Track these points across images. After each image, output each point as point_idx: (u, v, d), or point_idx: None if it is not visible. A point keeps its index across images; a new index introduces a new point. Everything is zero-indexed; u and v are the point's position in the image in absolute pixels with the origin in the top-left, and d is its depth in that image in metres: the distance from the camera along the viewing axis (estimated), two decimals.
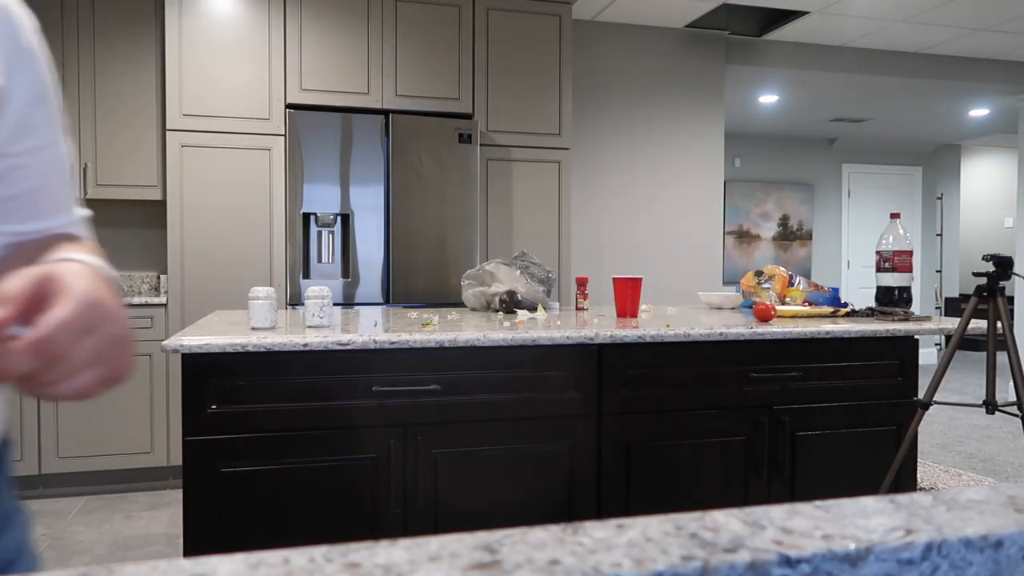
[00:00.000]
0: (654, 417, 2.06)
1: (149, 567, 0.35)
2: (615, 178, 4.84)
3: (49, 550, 2.95)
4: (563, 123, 4.15)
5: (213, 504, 1.77)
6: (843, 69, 5.34)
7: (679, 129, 4.94)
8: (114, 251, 4.17)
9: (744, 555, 0.36)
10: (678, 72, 4.93)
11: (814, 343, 2.18)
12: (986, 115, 7.00)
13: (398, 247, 3.77)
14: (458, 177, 3.85)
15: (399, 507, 1.88)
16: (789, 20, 4.76)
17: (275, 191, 3.77)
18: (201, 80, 3.68)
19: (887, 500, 0.44)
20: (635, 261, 4.88)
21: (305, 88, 3.78)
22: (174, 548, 2.98)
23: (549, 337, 1.91)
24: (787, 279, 2.60)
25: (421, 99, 3.92)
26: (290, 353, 1.80)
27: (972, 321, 2.37)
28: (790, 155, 8.32)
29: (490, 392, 1.94)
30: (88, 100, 3.80)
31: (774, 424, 2.15)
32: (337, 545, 0.38)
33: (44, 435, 3.56)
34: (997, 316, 2.32)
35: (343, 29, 3.82)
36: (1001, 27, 4.87)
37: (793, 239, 8.29)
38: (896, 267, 2.44)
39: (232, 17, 3.71)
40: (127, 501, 3.57)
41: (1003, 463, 4.32)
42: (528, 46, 4.09)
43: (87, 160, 3.80)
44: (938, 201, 9.08)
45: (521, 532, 0.39)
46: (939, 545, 0.38)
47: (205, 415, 1.76)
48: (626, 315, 2.40)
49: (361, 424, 1.85)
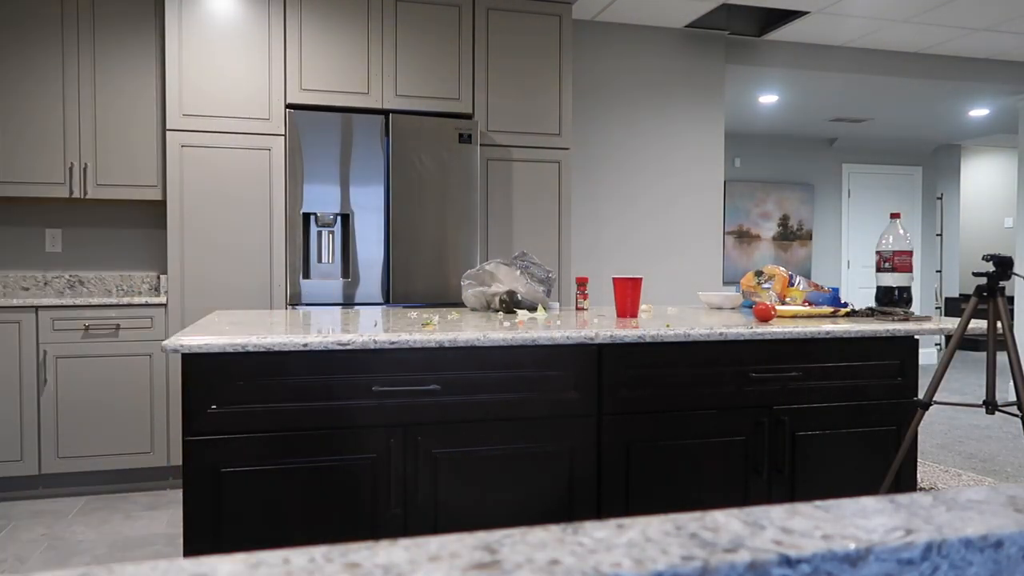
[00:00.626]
0: (654, 417, 2.06)
1: (149, 567, 0.35)
2: (615, 178, 4.84)
3: (49, 550, 2.95)
4: (563, 123, 4.15)
5: (213, 504, 1.77)
6: (843, 69, 5.34)
7: (679, 129, 4.94)
8: (114, 251, 4.18)
9: (744, 555, 0.36)
10: (678, 72, 4.93)
11: (814, 343, 2.18)
12: (986, 115, 7.00)
13: (398, 247, 3.77)
14: (458, 177, 3.85)
15: (399, 507, 1.88)
16: (789, 20, 4.76)
17: (275, 191, 3.77)
18: (201, 80, 3.68)
19: (887, 500, 0.44)
20: (635, 261, 4.88)
21: (305, 88, 3.78)
22: (174, 548, 2.98)
23: (549, 337, 1.91)
24: (787, 279, 2.60)
25: (421, 99, 3.92)
26: (290, 353, 1.80)
27: (972, 321, 2.37)
28: (790, 155, 8.32)
29: (490, 392, 1.94)
30: (88, 100, 3.80)
31: (774, 424, 2.15)
32: (337, 545, 0.38)
33: (44, 435, 3.56)
34: (997, 316, 2.32)
35: (343, 29, 3.82)
36: (1001, 27, 4.87)
37: (793, 239, 8.29)
38: (896, 267, 2.44)
39: (232, 17, 3.71)
40: (127, 501, 3.57)
41: (1003, 463, 4.32)
42: (528, 46, 4.09)
43: (87, 160, 3.80)
44: (938, 201, 9.08)
45: (521, 532, 0.39)
46: (939, 545, 0.38)
47: (205, 415, 1.76)
48: (626, 315, 2.40)
49: (361, 424, 1.85)
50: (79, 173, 3.79)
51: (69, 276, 4.11)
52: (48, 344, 3.56)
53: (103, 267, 4.16)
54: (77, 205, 4.12)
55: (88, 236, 4.14)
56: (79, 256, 4.13)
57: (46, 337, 3.56)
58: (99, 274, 4.15)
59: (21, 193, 3.75)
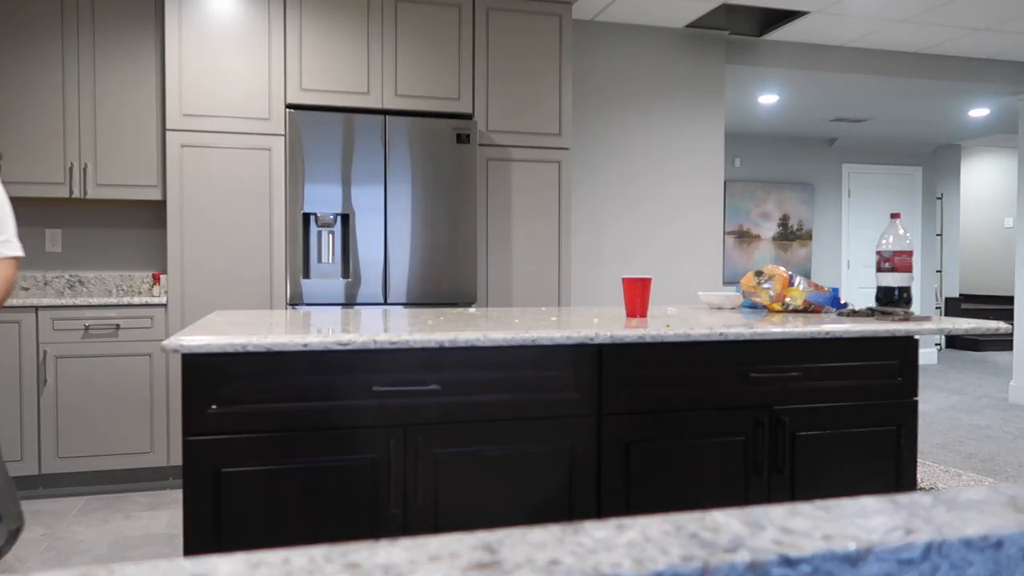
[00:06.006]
0: (654, 417, 2.06)
1: (149, 567, 0.35)
2: (615, 178, 4.84)
3: (49, 550, 2.95)
4: (563, 123, 4.15)
5: (213, 504, 1.77)
6: (843, 69, 5.34)
7: (679, 129, 4.94)
8: (114, 251, 4.18)
9: (744, 555, 0.36)
10: (678, 72, 4.93)
11: (814, 343, 2.18)
12: (986, 115, 7.00)
13: (398, 247, 3.77)
14: (458, 177, 3.85)
15: (399, 507, 1.88)
16: (789, 20, 4.76)
17: (275, 191, 3.77)
18: (201, 80, 3.68)
19: (887, 500, 0.44)
20: (635, 261, 4.88)
21: (305, 88, 3.78)
22: (174, 548, 2.98)
23: (549, 337, 1.92)
24: (787, 279, 2.60)
25: (421, 99, 3.92)
26: (290, 353, 1.80)
27: (972, 321, 2.37)
28: (790, 155, 8.32)
29: (490, 392, 1.94)
30: (88, 100, 3.80)
31: (774, 424, 2.15)
32: (337, 545, 0.38)
33: (44, 435, 3.56)
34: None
35: (343, 29, 3.82)
36: (1001, 27, 4.87)
37: (793, 239, 8.29)
38: (896, 267, 2.44)
39: (232, 17, 3.71)
40: (127, 501, 3.57)
41: (1003, 463, 4.32)
42: (528, 46, 4.09)
43: (87, 160, 3.80)
44: (938, 201, 9.08)
45: (521, 532, 0.39)
46: (939, 545, 0.38)
47: (205, 415, 1.76)
48: (635, 315, 2.39)
49: (361, 424, 1.85)
50: (79, 173, 3.79)
51: (69, 276, 4.11)
52: (48, 344, 3.56)
53: (103, 267, 4.16)
54: (77, 205, 4.12)
55: (88, 236, 4.14)
56: (79, 256, 4.13)
57: (46, 337, 3.56)
58: (99, 274, 4.15)
59: (21, 193, 3.75)
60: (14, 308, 3.53)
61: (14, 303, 3.51)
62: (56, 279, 4.09)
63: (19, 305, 3.53)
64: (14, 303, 3.51)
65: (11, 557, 2.87)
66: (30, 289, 4.06)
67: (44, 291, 4.08)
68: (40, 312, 3.55)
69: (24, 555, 2.90)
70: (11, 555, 2.89)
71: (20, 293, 4.04)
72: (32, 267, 4.08)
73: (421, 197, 3.80)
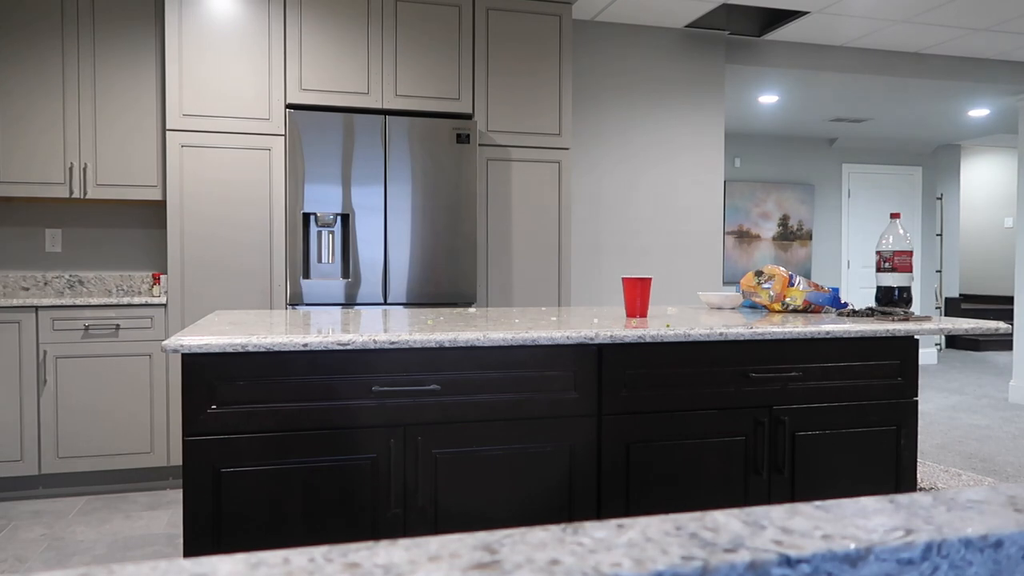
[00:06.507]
0: (654, 417, 2.06)
1: (149, 567, 0.35)
2: (615, 178, 4.84)
3: (49, 550, 2.95)
4: (563, 123, 4.15)
5: (213, 504, 1.77)
6: (843, 69, 5.34)
7: (679, 129, 4.94)
8: (114, 251, 4.18)
9: (744, 555, 0.36)
10: (678, 72, 4.93)
11: (814, 343, 2.18)
12: (986, 115, 7.00)
13: (398, 247, 3.78)
14: (458, 177, 3.85)
15: (399, 507, 1.88)
16: (789, 20, 4.76)
17: (275, 191, 3.77)
18: (201, 80, 3.68)
19: (887, 500, 0.44)
20: (635, 261, 4.88)
21: (305, 88, 3.78)
22: (174, 548, 2.98)
23: (549, 337, 1.92)
24: (787, 279, 2.60)
25: (421, 99, 3.92)
26: (290, 353, 1.80)
27: (972, 321, 2.37)
28: (790, 155, 8.32)
29: (490, 392, 1.94)
30: (88, 100, 3.80)
31: (774, 424, 2.15)
32: (337, 545, 0.38)
33: (44, 435, 3.56)
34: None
35: (343, 29, 3.82)
36: (1001, 27, 4.87)
37: (793, 239, 8.29)
38: (896, 267, 2.44)
39: (232, 17, 3.71)
40: (127, 501, 3.57)
41: (1003, 463, 4.32)
42: (528, 46, 4.09)
43: (87, 160, 3.80)
44: (938, 201, 9.08)
45: (521, 532, 0.39)
46: (939, 545, 0.38)
47: (205, 415, 1.76)
48: (635, 315, 2.39)
49: (361, 424, 1.85)
50: (79, 173, 3.80)
51: (69, 276, 4.11)
52: (48, 344, 3.56)
53: (103, 267, 4.16)
54: (77, 205, 4.12)
55: (88, 236, 4.14)
56: (79, 256, 4.13)
57: (46, 337, 3.56)
58: (99, 274, 4.15)
59: (21, 193, 3.75)
60: (14, 308, 3.53)
61: (14, 303, 3.52)
62: (56, 279, 4.09)
63: (19, 305, 3.53)
64: (14, 303, 3.52)
65: (11, 557, 2.87)
66: (30, 289, 4.06)
67: (44, 291, 4.08)
68: (40, 312, 3.55)
69: (24, 555, 2.90)
70: (11, 555, 2.89)
71: (20, 293, 4.04)
72: (32, 267, 4.08)
73: (421, 197, 3.80)
